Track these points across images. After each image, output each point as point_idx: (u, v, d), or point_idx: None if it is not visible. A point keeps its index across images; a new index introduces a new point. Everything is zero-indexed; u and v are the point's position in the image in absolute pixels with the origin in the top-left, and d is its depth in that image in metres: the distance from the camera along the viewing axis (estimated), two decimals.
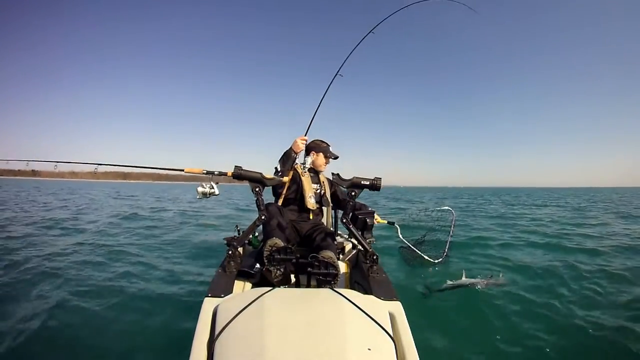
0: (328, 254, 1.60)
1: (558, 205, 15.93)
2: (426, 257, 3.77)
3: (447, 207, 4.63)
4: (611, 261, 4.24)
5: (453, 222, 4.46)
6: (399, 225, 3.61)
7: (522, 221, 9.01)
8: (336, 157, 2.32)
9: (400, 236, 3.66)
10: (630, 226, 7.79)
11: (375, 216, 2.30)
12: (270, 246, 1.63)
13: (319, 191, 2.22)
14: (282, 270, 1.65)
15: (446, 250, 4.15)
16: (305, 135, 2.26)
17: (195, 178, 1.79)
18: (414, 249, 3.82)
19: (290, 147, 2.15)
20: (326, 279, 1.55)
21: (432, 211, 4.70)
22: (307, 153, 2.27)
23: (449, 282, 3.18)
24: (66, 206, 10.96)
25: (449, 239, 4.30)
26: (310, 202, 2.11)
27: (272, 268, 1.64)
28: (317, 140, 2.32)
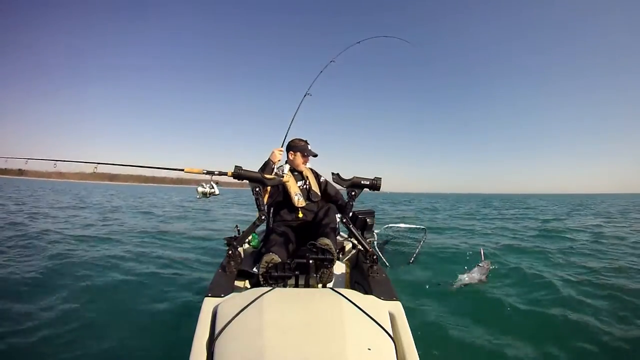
0: (325, 241, 1.64)
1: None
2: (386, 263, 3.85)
3: (422, 227, 4.69)
4: None
5: (424, 239, 4.54)
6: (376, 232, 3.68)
7: None
8: (315, 155, 2.33)
9: (375, 237, 3.73)
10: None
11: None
12: (266, 262, 1.59)
13: (305, 187, 2.24)
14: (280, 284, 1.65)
15: (412, 260, 4.20)
16: (282, 147, 2.40)
17: (183, 181, 1.81)
18: (380, 254, 3.88)
19: (269, 158, 2.24)
20: (323, 263, 1.59)
21: (408, 229, 4.70)
22: (287, 153, 2.33)
23: (458, 280, 3.23)
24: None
25: (417, 250, 4.36)
26: (297, 200, 2.13)
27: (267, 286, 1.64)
28: (295, 139, 2.34)
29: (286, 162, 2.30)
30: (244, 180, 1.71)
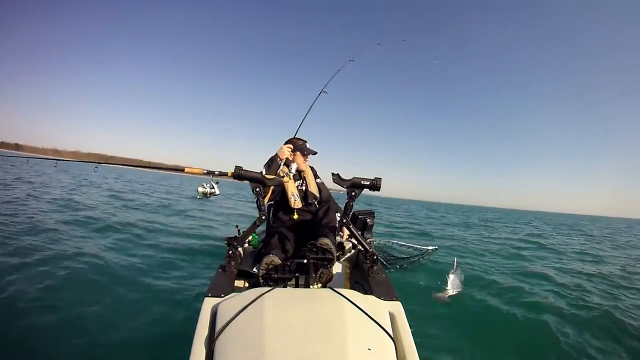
0: (325, 241, 1.66)
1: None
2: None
3: (435, 247, 4.45)
4: None
5: (428, 253, 4.38)
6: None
7: None
8: (314, 153, 2.32)
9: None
10: None
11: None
12: (266, 264, 1.61)
13: (302, 188, 2.22)
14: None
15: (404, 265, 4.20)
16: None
17: (178, 168, 1.80)
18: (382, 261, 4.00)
19: (276, 154, 2.19)
20: (323, 263, 1.61)
21: (417, 249, 4.49)
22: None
23: (448, 292, 3.24)
24: None
25: (417, 259, 4.30)
26: (294, 202, 2.12)
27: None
28: (293, 139, 2.33)
29: (286, 163, 2.27)
30: (244, 181, 1.71)
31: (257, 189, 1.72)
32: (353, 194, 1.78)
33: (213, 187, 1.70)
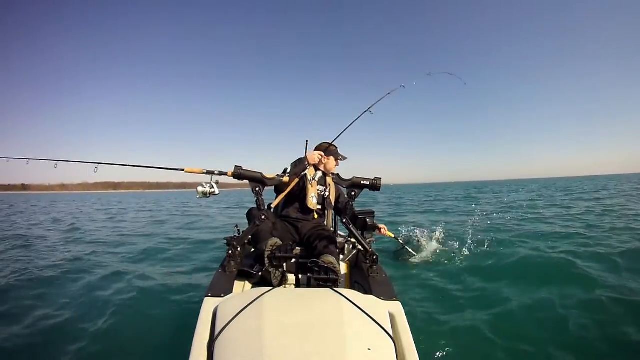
0: (329, 259, 1.60)
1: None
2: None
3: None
4: None
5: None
6: (408, 247, 3.87)
7: None
8: (345, 158, 2.32)
9: (409, 250, 3.95)
10: None
11: (382, 226, 2.33)
12: (271, 246, 1.63)
13: (322, 193, 2.21)
14: (280, 271, 1.65)
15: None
16: (324, 153, 2.25)
17: (186, 185, 1.79)
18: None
19: (306, 156, 2.12)
20: (327, 284, 1.54)
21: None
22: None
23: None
24: None
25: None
26: (311, 202, 2.11)
27: (272, 269, 1.64)
28: (324, 143, 2.30)
29: (315, 168, 2.21)
30: (244, 180, 1.71)
31: (257, 189, 1.72)
32: (353, 194, 1.79)
33: (213, 187, 1.70)
